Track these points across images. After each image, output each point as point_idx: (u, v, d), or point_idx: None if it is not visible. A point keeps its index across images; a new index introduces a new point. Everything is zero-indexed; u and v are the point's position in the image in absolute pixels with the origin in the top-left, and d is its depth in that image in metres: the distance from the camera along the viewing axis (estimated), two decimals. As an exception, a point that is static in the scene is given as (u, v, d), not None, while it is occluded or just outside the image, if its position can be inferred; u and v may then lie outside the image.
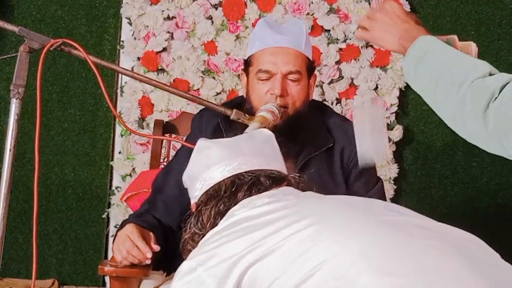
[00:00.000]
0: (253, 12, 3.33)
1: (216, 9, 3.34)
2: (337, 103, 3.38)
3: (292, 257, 1.46)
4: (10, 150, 1.83)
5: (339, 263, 1.42)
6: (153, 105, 3.35)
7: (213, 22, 3.34)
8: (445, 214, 3.48)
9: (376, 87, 3.40)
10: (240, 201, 1.67)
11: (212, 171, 1.73)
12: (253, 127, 1.99)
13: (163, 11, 3.33)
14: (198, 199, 1.76)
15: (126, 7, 3.33)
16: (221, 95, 3.36)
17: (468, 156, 3.50)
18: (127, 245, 1.98)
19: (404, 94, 3.43)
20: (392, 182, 3.44)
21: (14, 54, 1.88)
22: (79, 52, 1.92)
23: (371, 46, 3.36)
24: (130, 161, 3.37)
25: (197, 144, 1.80)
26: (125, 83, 3.36)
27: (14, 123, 1.84)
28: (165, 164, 2.57)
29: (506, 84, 1.43)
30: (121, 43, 3.38)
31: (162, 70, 3.36)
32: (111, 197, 3.41)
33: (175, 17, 3.33)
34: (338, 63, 3.37)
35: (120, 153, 3.40)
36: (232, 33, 3.33)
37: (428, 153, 3.51)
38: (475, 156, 3.49)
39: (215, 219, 1.68)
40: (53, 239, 3.45)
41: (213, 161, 1.74)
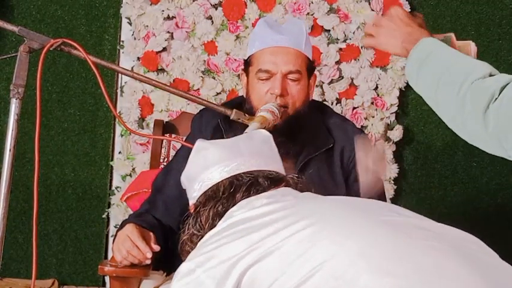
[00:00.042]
0: (253, 12, 3.33)
1: (216, 9, 3.34)
2: (337, 103, 3.38)
3: (291, 258, 1.46)
4: (10, 150, 1.83)
5: (337, 263, 1.41)
6: (153, 105, 3.35)
7: (213, 22, 3.34)
8: (445, 214, 3.48)
9: (376, 87, 3.39)
10: (238, 202, 1.66)
11: (210, 172, 1.73)
12: (253, 127, 1.99)
13: (163, 11, 3.33)
14: (196, 200, 1.75)
15: (126, 7, 3.33)
16: (221, 95, 3.36)
17: (468, 156, 3.50)
18: (127, 245, 1.98)
19: (404, 94, 3.43)
20: (392, 182, 3.44)
21: (14, 54, 1.88)
22: (79, 52, 1.92)
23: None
24: (130, 161, 3.37)
25: (195, 145, 1.80)
26: (125, 83, 3.36)
27: (14, 123, 1.83)
28: (165, 164, 2.57)
29: (506, 85, 1.43)
30: (121, 43, 3.38)
31: (162, 70, 3.36)
32: (111, 197, 3.41)
33: (175, 17, 3.33)
34: (338, 63, 3.37)
35: (120, 153, 3.40)
36: (232, 33, 3.33)
37: (428, 153, 3.51)
38: (475, 156, 3.49)
39: (213, 221, 1.67)
40: (53, 239, 3.45)
41: (211, 161, 1.74)
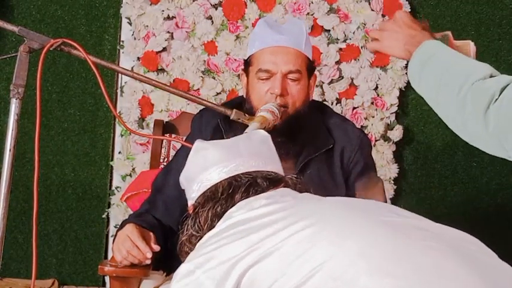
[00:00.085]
0: (253, 12, 3.33)
1: (216, 9, 3.34)
2: (337, 103, 3.38)
3: (291, 259, 1.45)
4: (10, 150, 1.83)
5: (337, 264, 1.41)
6: (153, 105, 3.35)
7: (213, 22, 3.34)
8: (445, 214, 3.48)
9: (376, 87, 3.40)
10: (237, 203, 1.66)
11: (209, 172, 1.73)
12: (253, 127, 1.99)
13: (163, 11, 3.33)
14: (195, 201, 1.75)
15: (126, 7, 3.33)
16: (221, 95, 3.36)
17: (468, 156, 3.50)
18: (127, 245, 1.98)
19: (404, 94, 3.43)
20: (392, 182, 3.44)
21: (14, 54, 1.88)
22: (79, 52, 1.92)
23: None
24: (130, 161, 3.37)
25: (194, 146, 1.80)
26: (125, 83, 3.36)
27: (14, 123, 1.83)
28: (165, 164, 2.57)
29: (506, 86, 1.43)
30: (121, 43, 3.38)
31: (162, 70, 3.36)
32: (111, 197, 3.41)
33: (175, 17, 3.33)
34: (338, 63, 3.37)
35: (120, 153, 3.40)
36: (232, 33, 3.33)
37: (428, 153, 3.51)
38: (475, 156, 3.49)
39: (212, 221, 1.67)
40: (53, 239, 3.45)
41: (210, 162, 1.73)
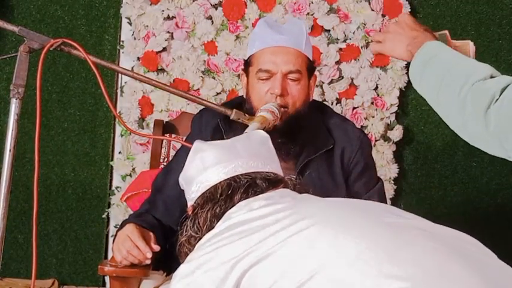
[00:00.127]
0: (253, 12, 3.33)
1: (216, 9, 3.34)
2: (337, 103, 3.38)
3: (290, 260, 1.45)
4: (10, 150, 1.83)
5: (336, 265, 1.41)
6: (153, 105, 3.35)
7: (213, 22, 3.33)
8: (445, 214, 3.48)
9: (376, 87, 3.39)
10: (236, 203, 1.66)
11: (208, 173, 1.72)
12: (253, 127, 1.99)
13: (163, 11, 3.33)
14: (194, 202, 1.75)
15: (126, 7, 3.33)
16: (221, 95, 3.36)
17: (468, 156, 3.50)
18: (127, 245, 1.98)
19: (404, 94, 3.43)
20: (393, 182, 3.43)
21: (14, 54, 1.88)
22: (79, 52, 1.92)
23: (371, 46, 3.36)
24: (130, 161, 3.37)
25: (193, 147, 1.79)
26: (125, 83, 3.36)
27: (14, 123, 1.84)
28: (165, 164, 2.57)
29: (506, 87, 1.43)
30: (121, 43, 3.38)
31: (162, 70, 3.36)
32: (111, 197, 3.41)
33: (175, 17, 3.33)
34: (338, 63, 3.37)
35: (120, 153, 3.40)
36: (232, 33, 3.33)
37: (428, 153, 3.51)
38: (475, 156, 3.49)
39: (211, 222, 1.67)
40: (53, 239, 3.45)
41: (209, 163, 1.73)
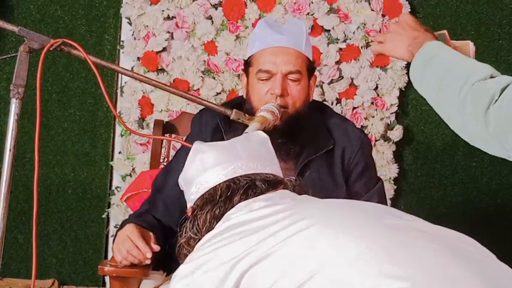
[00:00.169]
0: (253, 12, 3.33)
1: (216, 9, 3.34)
2: (337, 103, 3.38)
3: (290, 260, 1.45)
4: (10, 150, 1.83)
5: (336, 265, 1.41)
6: (153, 105, 3.35)
7: (213, 22, 3.33)
8: (445, 214, 3.48)
9: (376, 87, 3.39)
10: (235, 205, 1.65)
11: (207, 175, 1.72)
12: (253, 127, 1.99)
13: (163, 11, 3.33)
14: (193, 203, 1.75)
15: (126, 7, 3.33)
16: (221, 95, 3.36)
17: (468, 156, 3.49)
18: (127, 245, 1.98)
19: (404, 94, 3.43)
20: (393, 182, 3.43)
21: (14, 54, 1.88)
22: (79, 52, 1.92)
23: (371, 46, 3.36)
24: (131, 161, 3.37)
25: (192, 148, 1.79)
26: (125, 83, 3.36)
27: (14, 123, 1.84)
28: (165, 164, 2.57)
29: (506, 87, 1.43)
30: (121, 43, 3.38)
31: (162, 70, 3.36)
32: (111, 197, 3.41)
33: (175, 17, 3.33)
34: (338, 63, 3.37)
35: (120, 153, 3.40)
36: (232, 33, 3.33)
37: (428, 153, 3.51)
38: (475, 156, 3.49)
39: (211, 224, 1.67)
40: (53, 239, 3.45)
41: (209, 164, 1.73)
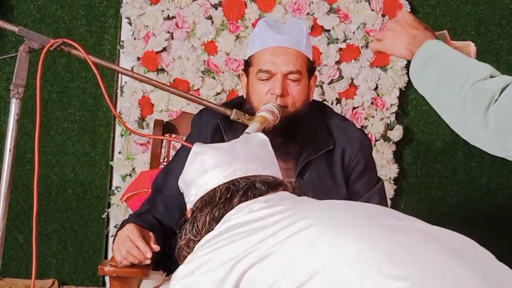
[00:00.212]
0: (253, 12, 3.33)
1: (216, 9, 3.34)
2: (337, 103, 3.38)
3: (290, 260, 1.45)
4: (10, 150, 1.83)
5: (337, 266, 1.41)
6: (153, 105, 3.35)
7: (213, 22, 3.33)
8: (445, 214, 3.48)
9: (376, 87, 3.39)
10: (235, 206, 1.65)
11: (207, 177, 1.72)
12: (253, 127, 1.99)
13: (163, 11, 3.33)
14: (193, 205, 1.74)
15: (126, 7, 3.33)
16: (221, 95, 3.36)
17: (468, 156, 3.49)
18: (127, 245, 1.98)
19: (404, 94, 3.43)
20: (393, 182, 3.43)
21: (14, 54, 1.88)
22: (79, 52, 1.91)
23: (371, 46, 3.36)
24: (131, 161, 3.37)
25: (192, 150, 1.79)
26: (125, 83, 3.36)
27: (14, 123, 1.83)
28: (165, 164, 2.57)
29: (506, 86, 1.43)
30: (121, 43, 3.38)
31: (162, 70, 3.36)
32: (111, 197, 3.41)
33: (175, 17, 3.33)
34: (338, 63, 3.37)
35: (120, 153, 3.40)
36: (232, 33, 3.33)
37: (428, 153, 3.51)
38: (475, 156, 3.49)
39: (210, 226, 1.66)
40: (53, 239, 3.45)
41: (208, 166, 1.72)
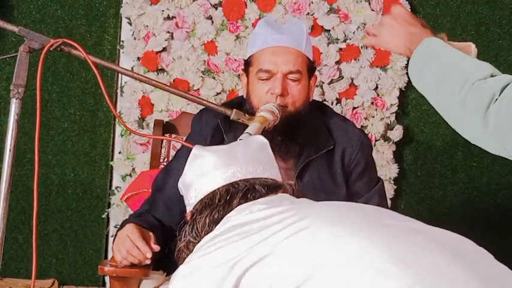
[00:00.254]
0: (253, 12, 3.33)
1: (216, 9, 3.34)
2: (337, 103, 3.38)
3: (289, 260, 1.45)
4: (10, 150, 1.83)
5: (336, 265, 1.41)
6: (153, 105, 3.35)
7: (213, 22, 3.33)
8: (445, 214, 3.48)
9: (376, 87, 3.39)
10: (234, 208, 1.66)
11: (207, 179, 1.72)
12: (253, 127, 1.99)
13: (163, 11, 3.33)
14: (193, 207, 1.75)
15: (126, 7, 3.33)
16: (221, 95, 3.36)
17: (468, 156, 3.50)
18: (127, 245, 1.98)
19: (404, 94, 3.43)
20: (393, 182, 3.43)
21: (14, 54, 1.88)
22: (79, 52, 1.92)
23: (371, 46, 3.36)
24: (130, 161, 3.37)
25: (192, 152, 1.79)
26: (125, 83, 3.36)
27: (14, 123, 1.84)
28: (165, 164, 2.57)
29: (507, 85, 1.43)
30: (121, 43, 3.38)
31: (162, 70, 3.36)
32: (111, 197, 3.41)
33: (175, 17, 3.33)
34: (338, 63, 3.37)
35: (120, 153, 3.40)
36: (232, 33, 3.33)
37: (428, 153, 3.51)
38: (475, 156, 3.49)
39: (210, 228, 1.67)
40: (53, 239, 3.45)
41: (208, 169, 1.73)
